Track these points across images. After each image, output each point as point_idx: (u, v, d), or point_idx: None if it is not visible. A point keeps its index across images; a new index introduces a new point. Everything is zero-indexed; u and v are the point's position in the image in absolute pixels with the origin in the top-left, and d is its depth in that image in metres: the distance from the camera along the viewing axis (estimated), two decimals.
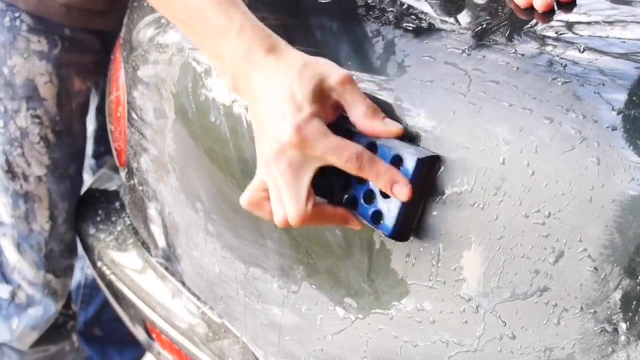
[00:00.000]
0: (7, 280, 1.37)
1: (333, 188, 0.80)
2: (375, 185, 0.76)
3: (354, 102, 0.76)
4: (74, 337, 1.51)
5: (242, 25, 0.78)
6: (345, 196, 0.79)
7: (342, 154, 0.74)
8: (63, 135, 1.32)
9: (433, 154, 0.74)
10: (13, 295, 1.38)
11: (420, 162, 0.73)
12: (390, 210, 0.75)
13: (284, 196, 0.76)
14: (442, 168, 0.74)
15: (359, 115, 0.76)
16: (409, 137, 0.76)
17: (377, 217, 0.77)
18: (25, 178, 1.31)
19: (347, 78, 0.76)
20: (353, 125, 0.77)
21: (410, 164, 0.74)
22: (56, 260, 1.40)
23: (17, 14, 1.21)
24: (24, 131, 1.28)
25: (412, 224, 0.76)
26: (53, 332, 1.45)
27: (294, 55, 0.77)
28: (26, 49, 1.23)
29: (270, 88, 0.75)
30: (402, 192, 0.73)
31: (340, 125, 0.77)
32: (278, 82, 0.75)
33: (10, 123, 1.27)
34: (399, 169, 0.74)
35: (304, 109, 0.74)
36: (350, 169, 0.74)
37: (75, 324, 1.51)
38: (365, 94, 0.77)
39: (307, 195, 0.76)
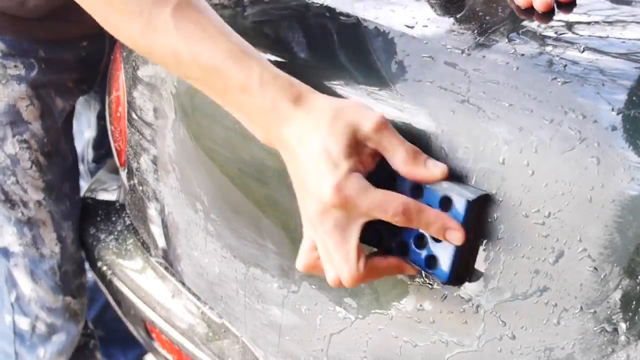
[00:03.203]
0: (25, 313, 1.36)
1: (381, 235, 0.75)
2: (427, 233, 0.72)
3: (392, 149, 0.72)
4: (98, 356, 1.51)
5: (262, 76, 0.73)
6: (395, 243, 0.75)
7: (387, 209, 0.70)
8: (53, 155, 1.31)
9: (482, 192, 0.71)
10: (33, 327, 1.37)
11: (470, 204, 0.70)
12: (444, 254, 0.72)
13: (334, 257, 0.72)
14: (492, 205, 0.71)
15: (400, 162, 0.71)
16: (453, 174, 0.73)
17: (431, 262, 0.73)
18: (25, 204, 1.30)
19: (381, 123, 0.71)
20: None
21: (460, 205, 0.70)
22: (71, 281, 1.39)
23: None
24: (14, 158, 1.26)
25: (467, 266, 0.73)
26: (78, 355, 1.45)
27: (322, 104, 0.73)
28: (4, 75, 1.22)
29: (303, 144, 0.71)
30: (456, 237, 0.70)
31: (381, 169, 0.73)
32: (310, 137, 0.71)
33: None
34: (448, 211, 0.71)
35: (340, 166, 0.70)
36: (398, 222, 0.70)
37: (97, 343, 1.51)
38: (401, 135, 0.73)
39: (357, 254, 0.72)
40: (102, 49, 1.33)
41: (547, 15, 0.78)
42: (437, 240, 0.72)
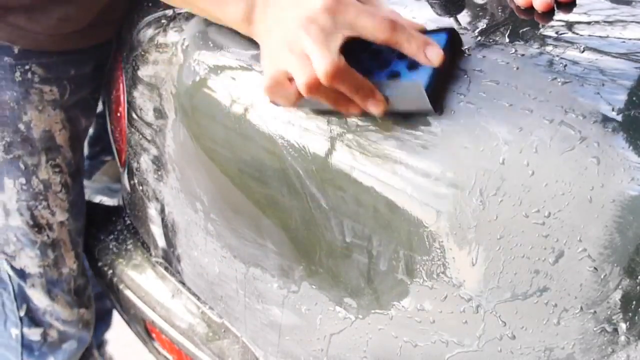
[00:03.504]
0: (37, 324, 1.35)
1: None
2: (406, 51, 0.73)
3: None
4: (95, 353, 1.51)
5: None
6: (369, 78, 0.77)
7: (374, 16, 0.72)
8: (76, 175, 1.30)
9: (456, 29, 0.76)
10: (45, 336, 1.36)
11: (451, 33, 0.74)
12: (420, 75, 0.74)
13: (313, 54, 0.73)
14: (464, 48, 0.76)
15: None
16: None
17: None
18: (50, 227, 1.28)
19: None
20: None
21: (440, 38, 0.74)
22: (83, 293, 1.39)
23: (27, 67, 1.18)
24: (47, 183, 1.25)
25: (439, 97, 0.74)
26: (81, 356, 1.45)
27: None
28: (40, 100, 1.20)
29: None
30: (435, 53, 0.72)
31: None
32: None
33: (32, 178, 1.23)
34: None
35: None
36: (382, 32, 0.72)
37: (93, 342, 1.51)
38: None
39: (338, 51, 0.73)
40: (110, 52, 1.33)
41: (547, 15, 0.78)
42: (412, 69, 0.74)
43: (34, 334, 1.35)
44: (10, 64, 1.17)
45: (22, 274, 1.30)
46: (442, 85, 0.74)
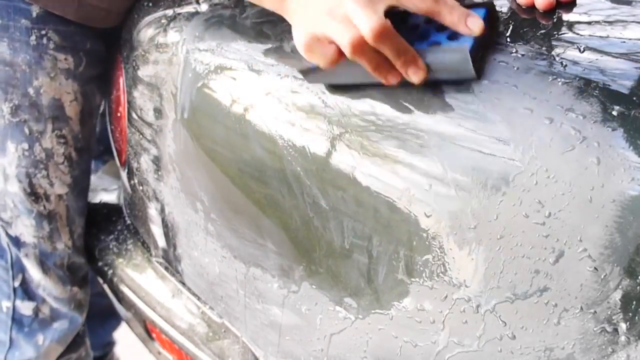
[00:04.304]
0: (31, 297, 1.35)
1: None
2: (447, 21, 0.74)
3: None
4: (87, 342, 1.51)
5: None
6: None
7: None
8: (83, 151, 1.30)
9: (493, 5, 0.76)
10: (37, 311, 1.36)
11: (489, 8, 0.74)
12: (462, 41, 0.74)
13: (358, 15, 0.72)
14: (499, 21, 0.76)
15: None
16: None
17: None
18: (47, 198, 1.28)
19: None
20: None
21: (479, 11, 0.74)
22: (77, 272, 1.39)
23: (43, 32, 1.18)
24: (49, 152, 1.25)
25: (479, 65, 0.74)
26: (72, 341, 1.45)
27: None
28: (53, 68, 1.20)
29: None
30: (476, 24, 0.73)
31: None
32: None
33: (35, 145, 1.23)
34: None
35: None
36: (424, 2, 0.73)
37: (86, 329, 1.51)
38: None
39: (383, 13, 0.72)
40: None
41: (548, 14, 0.78)
42: (452, 40, 0.74)
43: (26, 308, 1.35)
44: (26, 26, 1.17)
45: (17, 242, 1.30)
46: (481, 56, 0.74)
